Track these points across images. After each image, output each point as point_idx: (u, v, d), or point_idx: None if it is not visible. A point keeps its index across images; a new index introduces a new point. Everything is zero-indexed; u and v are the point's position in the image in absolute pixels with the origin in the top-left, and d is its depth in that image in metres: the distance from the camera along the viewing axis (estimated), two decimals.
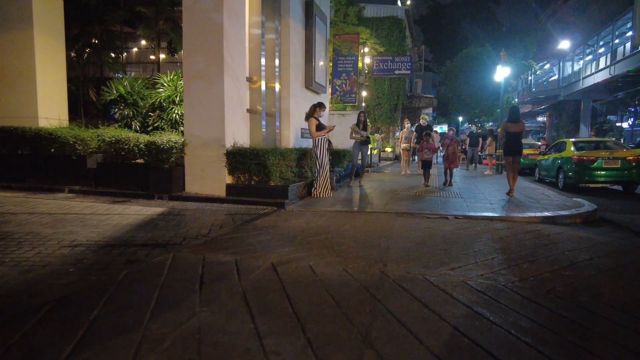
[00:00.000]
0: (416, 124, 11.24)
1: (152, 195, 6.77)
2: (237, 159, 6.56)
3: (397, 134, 24.70)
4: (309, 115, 7.51)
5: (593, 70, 30.83)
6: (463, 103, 25.67)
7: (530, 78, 42.24)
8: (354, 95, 12.96)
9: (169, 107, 7.96)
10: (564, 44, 31.38)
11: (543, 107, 42.23)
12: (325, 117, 12.43)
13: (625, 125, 43.19)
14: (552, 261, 3.85)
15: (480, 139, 15.16)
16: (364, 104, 13.54)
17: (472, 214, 6.17)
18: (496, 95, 24.23)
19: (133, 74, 11.58)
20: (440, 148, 12.85)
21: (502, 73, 14.34)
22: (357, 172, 11.59)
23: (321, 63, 11.33)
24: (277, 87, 8.92)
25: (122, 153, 6.82)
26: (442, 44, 33.07)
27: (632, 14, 21.97)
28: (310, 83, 10.30)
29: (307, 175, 8.05)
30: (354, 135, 9.23)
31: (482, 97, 25.27)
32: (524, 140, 19.43)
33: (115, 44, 11.54)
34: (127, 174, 7.02)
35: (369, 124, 16.74)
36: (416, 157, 15.20)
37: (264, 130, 8.20)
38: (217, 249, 3.90)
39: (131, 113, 8.42)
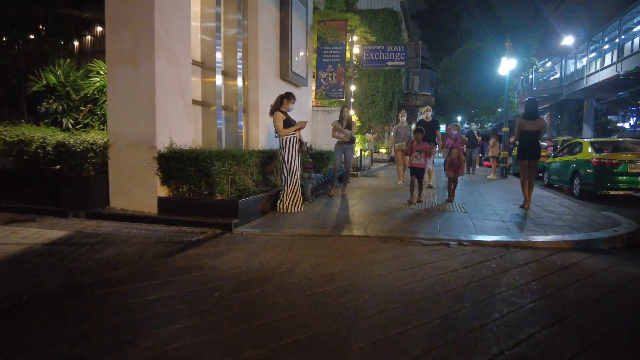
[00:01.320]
0: (418, 119, 9.44)
1: (65, 211, 5.22)
2: (171, 164, 5.00)
3: (392, 133, 23.25)
4: (274, 109, 5.97)
5: (598, 68, 29.42)
6: (462, 101, 24.17)
7: (531, 77, 40.89)
8: (341, 90, 11.42)
9: (102, 99, 6.40)
10: (568, 40, 30.05)
11: (544, 106, 40.83)
12: (307, 114, 10.90)
13: (626, 125, 41.97)
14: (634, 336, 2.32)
15: (480, 139, 13.72)
16: (352, 100, 11.97)
17: (481, 237, 4.63)
18: (497, 93, 22.74)
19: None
20: (438, 150, 11.20)
21: (507, 66, 12.82)
22: (341, 178, 10.09)
23: (301, 52, 9.79)
24: (241, 76, 7.37)
25: (25, 157, 5.25)
26: (441, 41, 31.58)
27: None
28: (285, 73, 8.75)
29: (277, 183, 6.50)
30: (336, 134, 7.68)
31: (483, 95, 23.78)
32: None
33: (63, 29, 9.96)
34: (37, 183, 5.46)
35: (357, 122, 15.11)
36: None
37: (221, 128, 6.64)
38: (55, 322, 2.36)
39: (60, 107, 6.84)
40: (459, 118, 31.39)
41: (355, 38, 11.67)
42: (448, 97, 25.47)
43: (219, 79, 6.57)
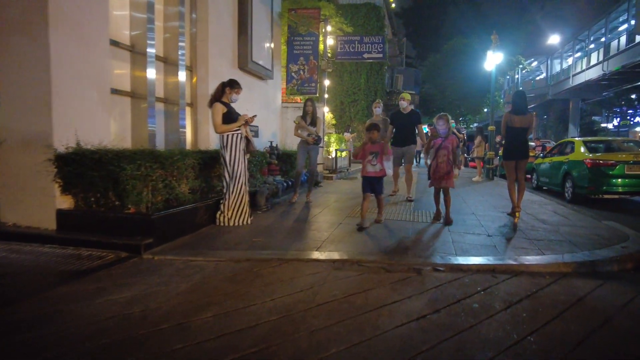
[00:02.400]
0: (391, 112, 7.78)
1: None
2: (70, 168, 3.92)
3: None
4: (213, 99, 4.91)
5: (584, 67, 28.98)
6: (447, 100, 23.36)
7: (517, 76, 40.48)
8: (314, 85, 10.42)
9: None
10: (554, 39, 29.56)
11: (530, 106, 40.43)
12: (275, 110, 9.86)
13: (610, 126, 41.97)
14: None
15: (462, 136, 12.78)
16: (326, 95, 10.97)
17: (461, 260, 3.65)
18: (483, 92, 21.97)
19: None
20: (422, 156, 10.12)
21: (493, 60, 11.96)
22: (316, 182, 9.08)
23: (266, 41, 8.75)
24: (185, 63, 6.30)
25: None
26: (426, 39, 30.81)
27: (636, 2, 20.00)
28: (244, 63, 7.71)
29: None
30: (299, 132, 6.67)
31: (468, 94, 23.00)
32: None
33: None
34: None
35: (332, 120, 14.06)
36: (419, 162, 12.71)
37: (157, 125, 5.56)
38: None
39: None
40: (452, 121, 30.63)
41: (329, 28, 10.67)
42: (433, 96, 24.66)
43: (154, 67, 5.49)
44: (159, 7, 5.97)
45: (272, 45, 9.07)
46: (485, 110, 25.16)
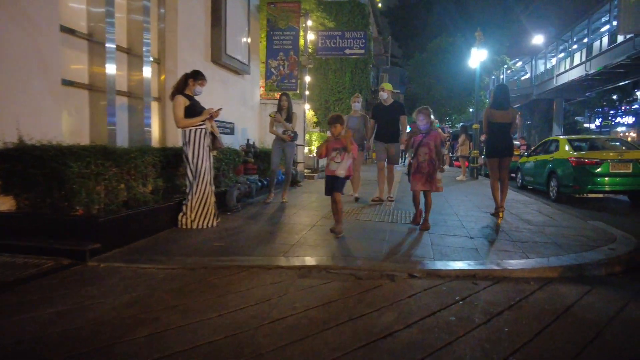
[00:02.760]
0: (373, 106, 7.00)
1: None
2: (10, 165, 3.52)
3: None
4: (175, 91, 4.55)
5: (567, 67, 29.23)
6: (432, 100, 23.22)
7: (502, 76, 40.72)
8: (294, 81, 10.07)
9: None
10: (538, 39, 29.65)
11: (515, 106, 40.67)
12: (253, 107, 9.49)
13: (592, 126, 42.58)
14: None
15: (446, 135, 12.55)
16: (307, 92, 10.64)
17: (440, 265, 3.35)
18: (469, 91, 21.89)
19: None
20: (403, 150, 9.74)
21: (478, 57, 11.77)
22: (296, 181, 8.74)
23: (242, 34, 8.38)
24: (152, 55, 5.91)
25: None
26: (412, 38, 30.67)
27: (618, 2, 20.10)
28: (218, 56, 7.33)
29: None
30: (274, 128, 6.33)
31: (453, 93, 22.91)
32: None
33: None
34: None
35: (313, 118, 13.73)
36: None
37: (118, 120, 5.15)
38: None
39: None
40: (436, 121, 30.56)
41: (310, 23, 10.34)
42: (418, 96, 24.51)
43: (115, 58, 5.08)
44: None
45: (249, 39, 8.70)
46: (471, 110, 25.14)
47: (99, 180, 3.81)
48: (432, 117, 4.59)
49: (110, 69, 4.99)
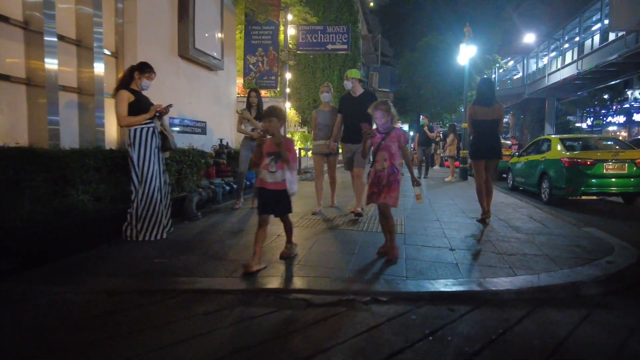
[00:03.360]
0: (340, 98, 5.93)
1: None
2: None
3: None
4: (119, 86, 4.02)
5: (559, 66, 28.98)
6: (422, 99, 22.81)
7: (494, 76, 40.47)
8: (274, 78, 9.57)
9: None
10: (529, 38, 29.45)
11: (506, 106, 40.52)
12: (229, 105, 8.95)
13: (584, 125, 42.55)
14: None
15: (434, 135, 12.10)
16: (288, 90, 10.13)
17: (412, 286, 2.86)
18: (460, 90, 21.47)
19: None
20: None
21: (466, 53, 11.33)
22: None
23: (214, 27, 7.85)
24: (107, 47, 5.36)
25: None
26: (402, 37, 30.22)
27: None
28: (186, 50, 6.80)
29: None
30: (242, 127, 5.82)
31: (444, 92, 22.49)
32: None
33: None
34: None
35: (295, 118, 13.26)
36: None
37: (55, 119, 4.58)
38: None
39: None
40: (422, 118, 30.15)
41: (290, 17, 9.84)
42: (408, 95, 24.08)
43: (56, 50, 4.53)
44: None
45: (223, 33, 8.16)
46: (463, 110, 24.72)
47: (21, 187, 3.27)
48: (392, 111, 3.53)
49: (51, 62, 4.44)
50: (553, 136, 9.25)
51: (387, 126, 3.54)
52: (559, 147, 8.19)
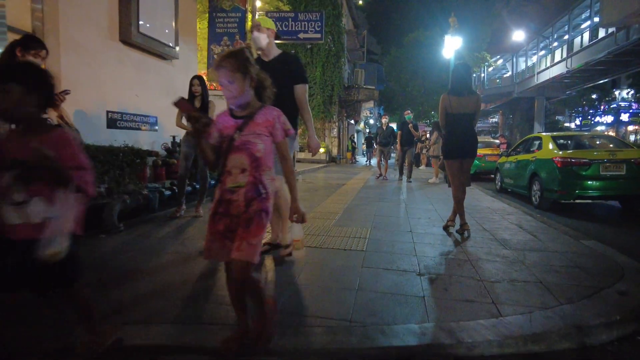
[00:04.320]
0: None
1: None
2: None
3: (333, 131, 20.80)
4: None
5: (548, 65, 28.47)
6: (409, 96, 22.09)
7: (483, 75, 40.03)
8: None
9: None
10: (519, 35, 28.96)
11: (496, 105, 40.06)
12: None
13: (572, 125, 42.40)
14: None
15: (419, 134, 11.22)
16: None
17: (353, 341, 2.01)
18: (446, 87, 20.85)
19: None
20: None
21: (452, 45, 10.57)
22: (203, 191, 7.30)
23: (167, 11, 6.97)
24: (4, 24, 4.44)
25: None
26: (389, 33, 29.53)
27: None
28: (128, 34, 5.91)
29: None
30: (181, 121, 4.96)
31: (431, 89, 21.80)
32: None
33: None
34: None
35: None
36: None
37: None
38: None
39: None
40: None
41: (259, 3, 8.97)
42: (394, 92, 23.36)
43: None
44: None
45: (179, 17, 7.27)
46: None
47: None
48: (253, 71, 1.78)
49: None
50: (544, 134, 8.52)
51: (244, 101, 1.81)
52: (550, 146, 7.45)
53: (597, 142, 7.98)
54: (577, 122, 41.97)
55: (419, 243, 3.80)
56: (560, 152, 7.04)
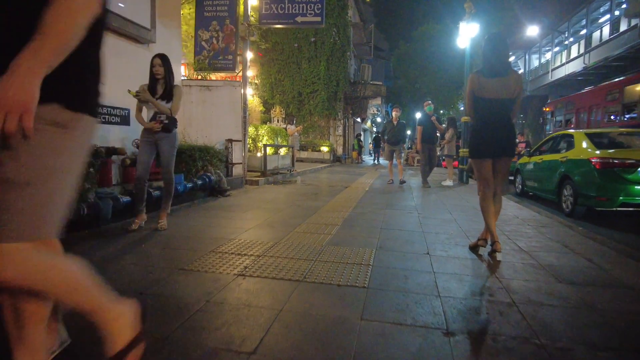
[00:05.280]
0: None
1: None
2: None
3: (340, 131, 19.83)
4: None
5: (564, 61, 27.23)
6: (418, 93, 21.01)
7: None
8: (231, 58, 7.77)
9: None
10: (532, 30, 27.72)
11: None
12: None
13: None
14: None
15: (443, 127, 9.42)
16: (251, 73, 8.32)
17: None
18: (458, 84, 19.71)
19: None
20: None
21: (467, 33, 9.53)
22: (220, 190, 6.32)
23: None
24: None
25: None
26: (397, 28, 28.47)
27: None
28: None
29: None
30: (140, 113, 4.00)
31: (441, 85, 20.71)
32: None
33: None
34: None
35: (258, 107, 12.00)
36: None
37: None
38: None
39: None
40: (418, 115, 28.39)
41: None
42: (402, 89, 22.29)
43: None
44: None
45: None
46: (462, 107, 22.97)
47: None
48: None
49: None
50: (576, 131, 7.46)
51: None
52: (584, 144, 6.41)
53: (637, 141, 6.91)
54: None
55: (441, 274, 2.81)
56: (598, 152, 6.00)
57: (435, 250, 3.43)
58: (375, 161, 24.51)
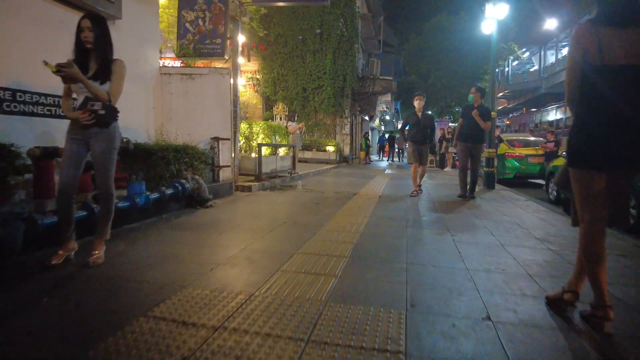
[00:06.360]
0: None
1: None
2: None
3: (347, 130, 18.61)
4: None
5: None
6: (430, 89, 19.70)
7: (507, 69, 37.40)
8: (219, 42, 6.60)
9: None
10: (551, 23, 26.30)
11: (519, 102, 37.29)
12: (142, 76, 5.96)
13: None
14: None
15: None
16: (242, 60, 7.16)
17: None
18: (475, 79, 18.39)
19: None
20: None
21: (494, 13, 8.27)
22: (201, 200, 5.10)
23: None
24: None
25: None
26: (408, 20, 27.13)
27: None
28: None
29: None
30: (68, 101, 2.82)
31: (455, 81, 19.38)
32: (505, 135, 12.56)
33: None
34: None
35: (254, 101, 11.04)
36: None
37: None
38: None
39: None
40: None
41: None
42: (413, 84, 21.00)
43: None
44: None
45: None
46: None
47: None
48: None
49: None
50: None
51: None
52: None
53: None
54: None
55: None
56: None
57: (496, 305, 2.21)
58: (390, 160, 23.28)
